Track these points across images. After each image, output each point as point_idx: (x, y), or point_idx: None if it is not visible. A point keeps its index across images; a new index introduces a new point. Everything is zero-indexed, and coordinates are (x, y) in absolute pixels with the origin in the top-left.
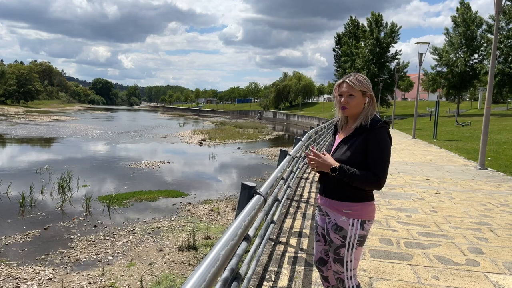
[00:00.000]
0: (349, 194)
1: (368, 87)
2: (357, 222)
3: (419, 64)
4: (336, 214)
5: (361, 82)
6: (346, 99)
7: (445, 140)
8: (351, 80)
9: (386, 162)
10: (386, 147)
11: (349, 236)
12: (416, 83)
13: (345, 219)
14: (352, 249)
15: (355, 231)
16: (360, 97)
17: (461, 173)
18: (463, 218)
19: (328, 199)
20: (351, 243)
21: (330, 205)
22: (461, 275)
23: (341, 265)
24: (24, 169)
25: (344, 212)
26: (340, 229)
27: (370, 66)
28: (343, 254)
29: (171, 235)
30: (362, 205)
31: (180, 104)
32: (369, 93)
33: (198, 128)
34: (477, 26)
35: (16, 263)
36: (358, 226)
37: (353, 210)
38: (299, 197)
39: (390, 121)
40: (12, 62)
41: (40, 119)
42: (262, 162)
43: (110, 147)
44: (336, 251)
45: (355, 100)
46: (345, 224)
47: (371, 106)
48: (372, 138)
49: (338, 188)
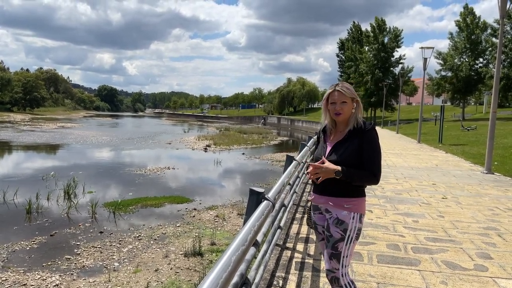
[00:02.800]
0: (349, 191)
1: (355, 93)
2: (357, 215)
3: (424, 68)
4: (337, 209)
5: (350, 89)
6: (340, 105)
7: (450, 145)
8: (342, 88)
9: (379, 159)
10: (378, 146)
11: (349, 229)
12: (420, 88)
13: (346, 213)
14: (351, 242)
15: (355, 223)
16: (351, 103)
17: (467, 178)
18: (470, 223)
19: (329, 197)
20: (350, 236)
21: (332, 202)
22: (469, 281)
23: (337, 261)
24: (30, 176)
25: (345, 207)
26: (341, 222)
27: (375, 71)
28: (341, 249)
29: (176, 241)
30: (360, 200)
31: (184, 110)
32: (356, 99)
33: (202, 134)
34: (482, 30)
35: (23, 269)
36: (357, 219)
37: (353, 204)
38: (305, 202)
39: (376, 123)
40: (18, 70)
41: (46, 126)
42: (267, 168)
43: (115, 153)
44: (335, 245)
45: (347, 106)
46: (346, 218)
47: (358, 110)
48: (366, 139)
49: (339, 186)
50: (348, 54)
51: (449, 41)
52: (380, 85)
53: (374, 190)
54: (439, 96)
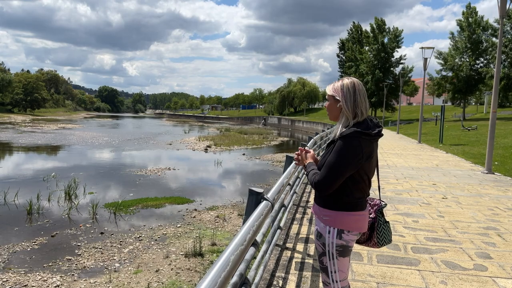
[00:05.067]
0: (327, 201)
1: (339, 92)
2: (333, 230)
3: (424, 68)
4: (317, 220)
5: (334, 87)
6: (327, 103)
7: (451, 145)
8: (329, 84)
9: (331, 169)
10: (338, 157)
11: (327, 243)
12: (421, 88)
13: (323, 226)
14: (333, 258)
15: (332, 239)
16: (332, 101)
17: (468, 178)
18: (470, 223)
19: (314, 204)
20: (330, 252)
21: (315, 211)
22: (469, 280)
23: (326, 275)
24: (31, 177)
25: (323, 218)
26: (319, 235)
27: (375, 71)
28: (326, 263)
29: (177, 242)
30: (338, 213)
31: (185, 111)
32: (338, 99)
33: (203, 134)
34: (483, 30)
35: (23, 270)
36: (335, 235)
37: (329, 217)
38: (305, 203)
39: (368, 132)
40: (19, 71)
41: (47, 127)
42: (267, 168)
43: (116, 154)
44: (320, 259)
45: (328, 105)
46: (323, 231)
47: (343, 113)
48: (335, 146)
49: (319, 195)
50: (348, 54)
51: (450, 40)
52: (381, 85)
53: (375, 190)
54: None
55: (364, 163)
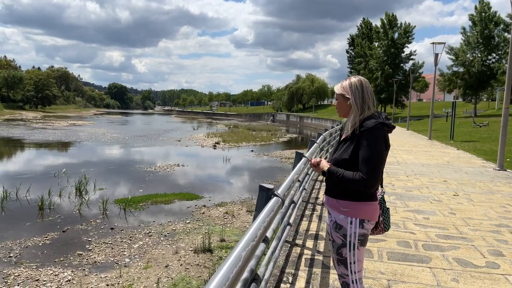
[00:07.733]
0: (346, 192)
1: (348, 90)
2: (355, 220)
3: (435, 64)
4: (335, 212)
5: (343, 86)
6: (336, 102)
7: (462, 141)
8: (338, 84)
9: (375, 162)
10: (375, 147)
11: (348, 234)
12: (431, 84)
13: (343, 217)
14: (354, 249)
15: (354, 229)
16: (342, 100)
17: (479, 175)
18: (482, 220)
19: (329, 198)
20: (352, 242)
21: (331, 204)
22: (481, 278)
23: (344, 267)
24: (42, 173)
25: (342, 210)
26: (339, 227)
27: (385, 67)
28: (345, 255)
29: (186, 238)
30: (359, 204)
31: (193, 107)
32: (348, 96)
33: (211, 131)
34: (495, 25)
35: (35, 265)
36: (357, 225)
37: (350, 208)
38: (314, 199)
39: (388, 124)
40: (29, 68)
41: (58, 123)
42: (275, 165)
43: (126, 150)
44: (338, 251)
45: (337, 103)
46: (343, 222)
47: (352, 110)
48: (364, 138)
49: (336, 187)
50: (358, 50)
51: (461, 36)
52: (390, 81)
53: (385, 187)
54: (450, 92)
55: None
